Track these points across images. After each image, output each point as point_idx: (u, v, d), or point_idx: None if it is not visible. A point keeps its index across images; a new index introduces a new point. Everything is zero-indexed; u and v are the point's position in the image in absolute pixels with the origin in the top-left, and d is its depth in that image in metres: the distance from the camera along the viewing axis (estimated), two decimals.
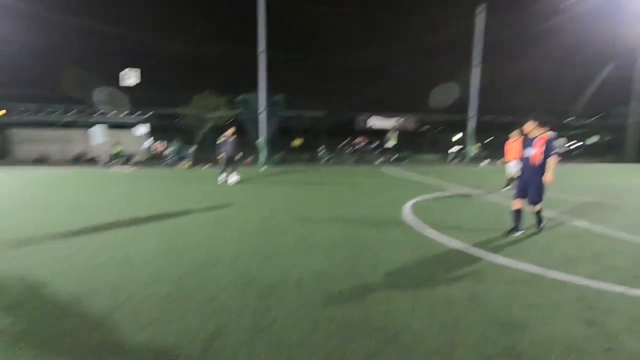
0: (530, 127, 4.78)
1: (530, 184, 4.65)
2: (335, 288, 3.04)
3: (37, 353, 2.10)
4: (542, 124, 4.78)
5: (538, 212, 4.82)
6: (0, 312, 2.59)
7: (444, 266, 3.63)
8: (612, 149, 21.90)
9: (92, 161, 17.99)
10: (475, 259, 3.85)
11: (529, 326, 2.46)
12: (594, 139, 21.90)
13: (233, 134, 10.24)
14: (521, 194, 4.74)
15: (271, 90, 17.14)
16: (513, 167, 8.91)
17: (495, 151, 19.94)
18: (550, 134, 4.65)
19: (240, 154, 10.81)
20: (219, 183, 10.11)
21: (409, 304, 2.77)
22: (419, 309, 2.70)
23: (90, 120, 19.06)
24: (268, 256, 3.88)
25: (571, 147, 21.39)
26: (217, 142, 10.10)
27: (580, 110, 21.79)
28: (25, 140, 17.27)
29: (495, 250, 4.16)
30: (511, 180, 9.10)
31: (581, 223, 5.57)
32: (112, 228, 4.98)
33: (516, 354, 2.14)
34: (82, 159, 18.18)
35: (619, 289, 3.08)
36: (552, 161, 4.57)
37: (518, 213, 4.78)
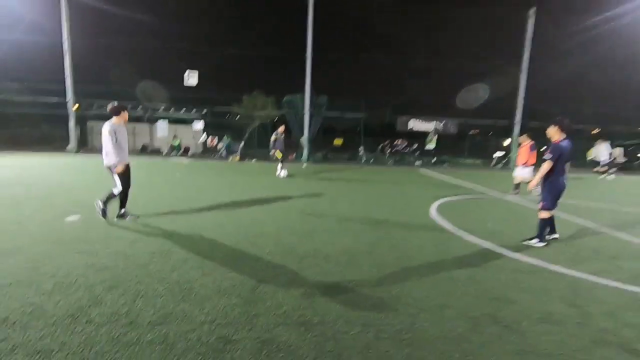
0: (551, 132, 4.75)
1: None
2: (357, 261, 3.77)
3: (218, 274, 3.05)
4: (563, 129, 4.71)
5: (541, 219, 4.73)
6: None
7: (456, 254, 4.20)
8: None
9: (155, 152, 20.03)
10: (487, 252, 4.38)
11: (515, 302, 3.01)
12: None
13: (284, 131, 11.02)
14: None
15: (315, 91, 18.03)
16: (519, 172, 9.02)
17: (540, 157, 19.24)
18: (562, 140, 4.63)
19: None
20: (282, 177, 10.89)
21: (415, 277, 3.43)
22: (423, 281, 3.34)
23: (155, 115, 21.24)
24: (306, 234, 4.72)
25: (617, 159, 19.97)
26: (272, 139, 10.69)
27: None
28: (100, 131, 19.66)
29: (508, 245, 4.63)
30: (518, 185, 9.20)
31: (611, 231, 5.77)
32: (202, 204, 6.09)
33: (496, 318, 2.72)
34: (147, 150, 20.35)
35: (614, 284, 3.48)
36: (543, 165, 4.61)
37: (550, 221, 4.83)
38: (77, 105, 18.84)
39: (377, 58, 20.60)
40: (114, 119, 5.30)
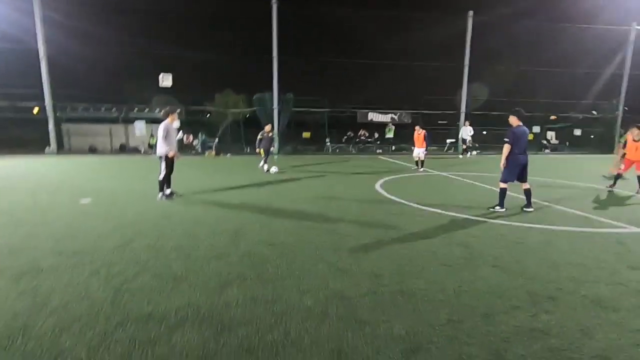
0: (511, 120, 6.06)
1: None
2: (318, 210, 5.78)
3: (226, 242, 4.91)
4: (520, 118, 6.02)
5: (500, 189, 6.22)
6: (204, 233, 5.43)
7: (386, 211, 6.31)
8: (603, 141, 23.57)
9: (133, 151, 21.11)
10: (414, 209, 6.53)
11: (407, 231, 5.10)
12: (577, 132, 23.67)
13: (270, 130, 12.02)
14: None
15: (282, 89, 19.77)
16: (417, 152, 12.57)
17: (483, 143, 22.08)
18: (515, 126, 5.96)
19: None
20: (265, 172, 11.78)
21: (359, 227, 5.48)
22: (364, 232, 5.39)
23: (130, 116, 22.23)
24: (274, 202, 6.69)
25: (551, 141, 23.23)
26: (258, 138, 11.84)
27: (571, 106, 23.54)
28: (78, 133, 20.55)
29: (431, 204, 6.81)
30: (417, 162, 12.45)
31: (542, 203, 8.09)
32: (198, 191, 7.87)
33: (394, 236, 4.80)
34: (125, 149, 21.40)
35: (499, 221, 5.67)
36: (504, 147, 5.97)
37: (504, 192, 6.23)
38: (37, 108, 19.57)
39: (338, 58, 22.56)
40: (167, 119, 7.30)
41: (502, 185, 6.24)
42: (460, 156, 19.24)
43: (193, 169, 13.41)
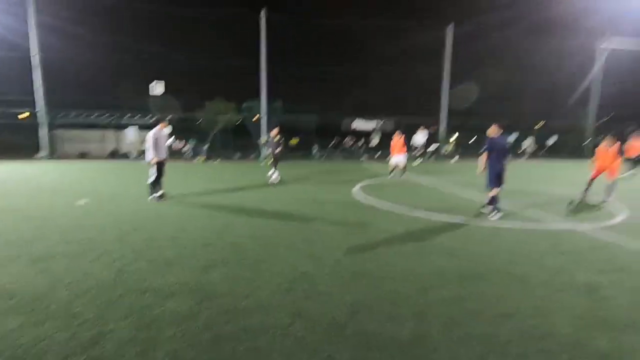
0: (492, 130, 6.39)
1: None
2: (302, 214, 6.45)
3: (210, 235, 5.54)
4: (501, 127, 6.38)
5: (492, 196, 6.56)
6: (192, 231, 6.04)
7: (359, 211, 7.01)
8: (573, 148, 24.78)
9: (124, 156, 21.54)
10: (385, 209, 7.24)
11: (371, 225, 5.81)
12: (553, 139, 24.88)
13: (277, 134, 10.88)
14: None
15: (271, 97, 20.52)
16: (395, 159, 12.36)
17: (464, 150, 23.06)
18: (494, 135, 6.35)
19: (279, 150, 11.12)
20: (273, 181, 10.87)
21: (332, 224, 6.16)
22: (336, 228, 6.08)
23: (121, 122, 22.70)
24: (267, 203, 7.35)
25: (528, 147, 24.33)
26: (263, 143, 11.07)
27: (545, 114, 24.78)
28: (69, 139, 20.95)
29: (400, 205, 7.53)
30: (394, 169, 12.49)
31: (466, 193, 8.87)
32: (190, 194, 8.46)
33: (367, 231, 5.50)
34: (116, 155, 21.81)
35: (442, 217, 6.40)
36: (481, 156, 6.41)
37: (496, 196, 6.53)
38: (26, 114, 19.95)
39: (327, 66, 23.46)
40: (157, 127, 7.94)
41: (494, 192, 6.48)
42: (414, 163, 18.54)
43: (184, 173, 13.97)
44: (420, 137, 19.11)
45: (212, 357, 2.50)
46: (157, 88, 18.23)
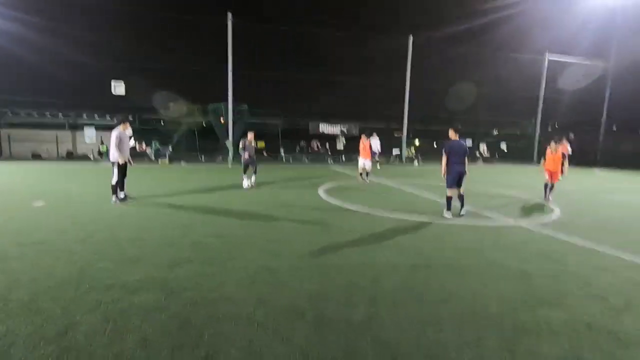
0: (450, 133, 6.94)
1: None
2: (267, 214, 6.65)
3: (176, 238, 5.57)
4: (457, 132, 6.94)
5: (447, 195, 7.06)
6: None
7: (322, 211, 7.31)
8: (523, 153, 26.71)
9: (81, 158, 20.58)
10: (347, 209, 7.58)
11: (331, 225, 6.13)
12: (503, 145, 26.79)
13: (253, 138, 10.77)
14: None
15: (237, 100, 20.49)
16: (362, 163, 12.56)
17: (424, 154, 24.23)
18: (451, 140, 6.90)
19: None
20: (246, 187, 10.56)
21: (296, 223, 6.41)
22: (299, 227, 6.33)
23: (79, 122, 21.68)
24: (230, 203, 7.47)
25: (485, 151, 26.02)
26: (240, 147, 10.66)
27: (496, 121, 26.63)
28: (20, 139, 19.73)
29: (362, 206, 7.91)
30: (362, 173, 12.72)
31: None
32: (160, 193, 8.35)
33: (328, 229, 5.80)
34: (72, 156, 20.78)
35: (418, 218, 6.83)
36: (442, 158, 6.94)
37: (450, 199, 7.02)
38: None
39: (292, 71, 23.78)
40: (120, 126, 7.81)
41: (449, 192, 7.02)
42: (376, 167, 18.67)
43: (147, 175, 13.68)
44: (374, 143, 19.85)
45: (180, 342, 2.69)
46: (118, 88, 17.63)
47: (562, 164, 9.47)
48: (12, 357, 2.47)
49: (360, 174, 12.84)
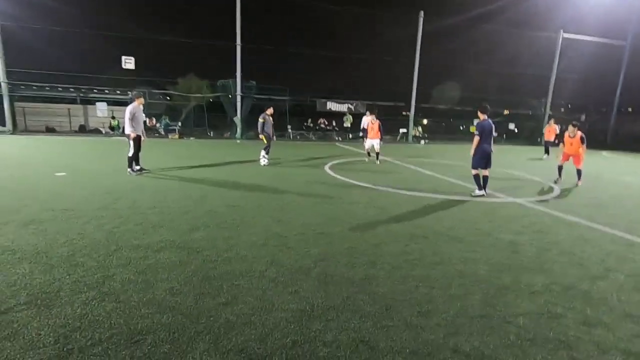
0: (479, 115, 6.93)
1: None
2: (274, 188, 7.03)
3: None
4: (484, 112, 6.88)
5: (473, 175, 7.16)
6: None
7: (328, 186, 7.66)
8: (534, 134, 26.52)
9: (94, 132, 21.02)
10: (352, 184, 7.92)
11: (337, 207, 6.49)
12: (512, 126, 26.59)
13: (272, 114, 10.46)
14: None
15: (245, 76, 20.56)
16: (370, 142, 12.16)
17: (431, 133, 24.25)
18: (482, 120, 6.83)
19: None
20: (262, 164, 10.45)
21: (302, 196, 6.78)
22: (305, 199, 6.70)
23: (90, 97, 22.00)
24: (247, 180, 7.86)
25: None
26: (260, 121, 10.22)
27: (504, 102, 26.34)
28: (33, 113, 20.18)
29: (366, 182, 8.24)
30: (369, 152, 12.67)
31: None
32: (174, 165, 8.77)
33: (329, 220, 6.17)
34: (84, 130, 21.23)
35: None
36: (474, 139, 6.88)
37: (477, 177, 7.13)
38: None
39: (301, 48, 23.63)
40: (135, 102, 8.17)
41: (474, 172, 7.13)
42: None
43: (159, 150, 14.08)
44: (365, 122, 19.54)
45: (202, 291, 3.11)
46: (127, 64, 17.81)
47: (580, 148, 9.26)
48: (61, 298, 2.90)
49: (369, 153, 12.69)
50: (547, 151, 15.90)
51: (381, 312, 2.90)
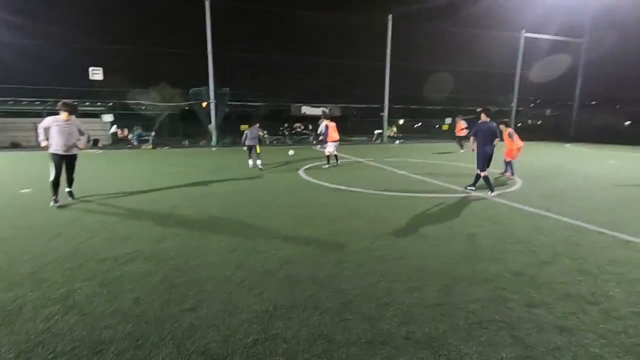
0: (481, 116, 7.28)
1: None
2: (249, 192, 7.08)
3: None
4: (488, 115, 7.22)
5: (482, 177, 7.28)
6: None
7: (302, 188, 7.78)
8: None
9: None
10: (325, 186, 8.05)
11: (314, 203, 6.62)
12: None
13: (256, 123, 11.30)
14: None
15: (218, 84, 20.49)
16: (330, 147, 11.63)
17: (406, 132, 24.82)
18: (483, 122, 7.19)
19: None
20: (259, 167, 10.98)
21: (276, 198, 6.87)
22: (280, 201, 6.79)
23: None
24: (217, 187, 7.87)
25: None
26: (245, 131, 11.12)
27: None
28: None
29: (339, 183, 8.40)
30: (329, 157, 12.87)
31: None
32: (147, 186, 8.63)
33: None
34: None
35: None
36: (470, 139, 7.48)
37: (487, 179, 7.27)
38: None
39: (274, 54, 23.77)
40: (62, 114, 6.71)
41: (483, 174, 7.24)
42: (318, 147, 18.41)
43: (132, 161, 13.86)
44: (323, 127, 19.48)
45: (168, 299, 3.18)
46: (95, 75, 17.44)
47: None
48: (24, 314, 2.91)
49: (328, 157, 11.89)
50: (461, 146, 16.82)
51: (341, 308, 3.05)
